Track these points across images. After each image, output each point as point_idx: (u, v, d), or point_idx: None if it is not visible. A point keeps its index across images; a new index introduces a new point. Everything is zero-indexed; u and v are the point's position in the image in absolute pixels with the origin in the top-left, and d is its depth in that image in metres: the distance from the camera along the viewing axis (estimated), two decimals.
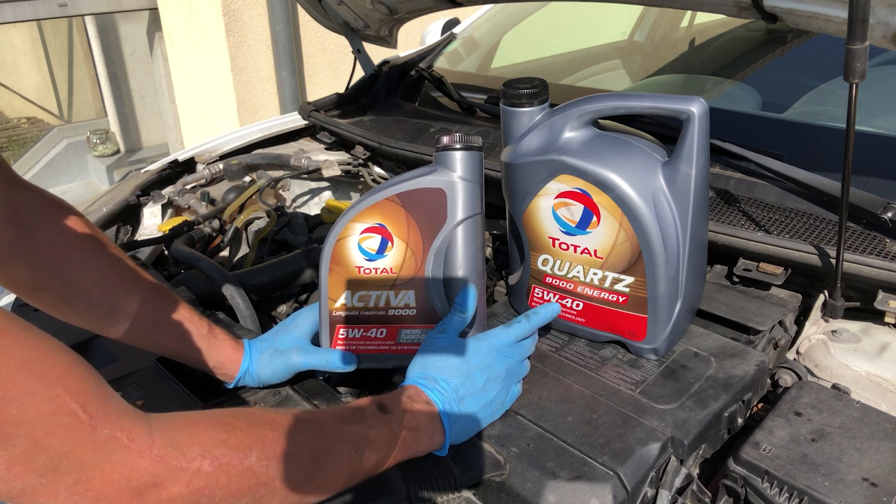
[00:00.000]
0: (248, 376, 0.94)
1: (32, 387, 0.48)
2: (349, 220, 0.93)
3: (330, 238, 0.94)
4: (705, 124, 0.84)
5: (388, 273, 0.92)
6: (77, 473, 0.50)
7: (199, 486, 0.56)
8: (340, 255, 0.93)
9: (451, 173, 0.89)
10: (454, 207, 0.89)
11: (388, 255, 0.92)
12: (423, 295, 0.91)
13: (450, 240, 0.90)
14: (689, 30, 2.22)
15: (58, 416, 0.49)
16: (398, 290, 0.92)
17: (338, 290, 0.94)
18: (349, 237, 0.93)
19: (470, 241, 0.90)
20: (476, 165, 0.91)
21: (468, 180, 0.90)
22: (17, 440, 0.47)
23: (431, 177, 0.90)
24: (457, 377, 0.80)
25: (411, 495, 0.74)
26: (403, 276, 0.92)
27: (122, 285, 0.88)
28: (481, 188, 0.91)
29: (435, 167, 0.90)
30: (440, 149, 0.90)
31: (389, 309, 0.93)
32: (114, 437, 0.52)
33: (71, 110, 6.60)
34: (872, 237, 0.99)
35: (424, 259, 0.90)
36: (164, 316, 0.90)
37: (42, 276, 0.84)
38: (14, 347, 0.49)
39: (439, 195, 0.89)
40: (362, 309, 0.94)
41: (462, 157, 0.89)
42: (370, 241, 0.92)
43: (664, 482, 0.78)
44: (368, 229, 0.92)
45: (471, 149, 0.90)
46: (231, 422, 0.61)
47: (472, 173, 0.90)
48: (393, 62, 1.90)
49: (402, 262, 0.92)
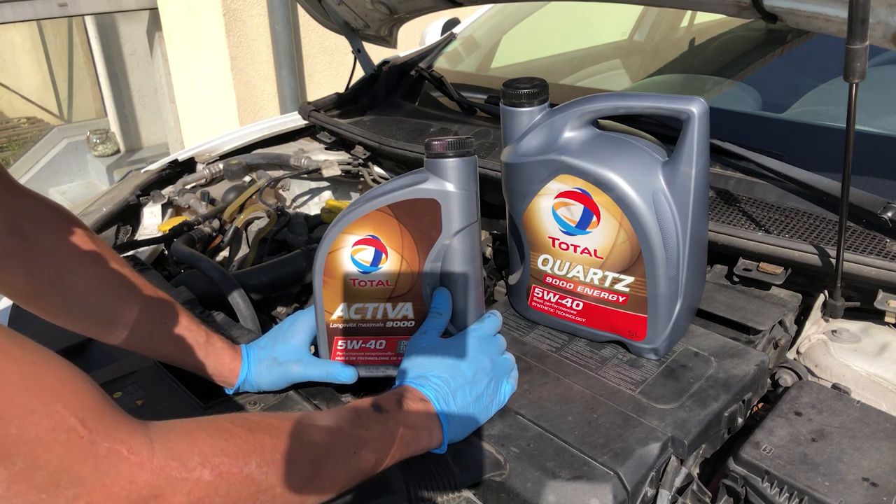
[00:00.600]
0: (247, 384, 0.94)
1: (30, 404, 0.48)
2: (340, 231, 0.90)
3: (321, 250, 0.91)
4: (705, 124, 0.84)
5: (384, 285, 0.90)
6: (77, 488, 0.50)
7: (200, 495, 0.56)
8: (333, 267, 0.91)
9: (444, 182, 0.85)
10: (449, 219, 0.86)
11: (382, 267, 0.90)
12: (421, 307, 0.90)
13: (446, 251, 0.88)
14: (689, 30, 2.22)
15: (56, 432, 0.49)
16: (395, 302, 0.91)
17: (333, 302, 0.92)
18: (341, 249, 0.90)
19: (467, 251, 0.88)
20: (470, 172, 0.86)
21: (463, 189, 0.86)
22: (16, 458, 0.47)
23: (424, 186, 0.86)
24: (445, 371, 0.81)
25: (411, 495, 0.74)
26: (400, 289, 0.90)
27: (120, 294, 0.88)
28: (476, 194, 0.88)
29: (427, 174, 0.87)
30: (431, 155, 0.86)
31: (387, 321, 0.92)
32: (113, 451, 0.51)
33: (71, 110, 6.60)
34: (872, 237, 0.99)
35: (421, 270, 0.89)
36: (162, 325, 0.90)
37: (39, 284, 0.84)
38: (10, 365, 0.48)
39: (433, 206, 0.86)
40: (359, 321, 0.93)
41: (455, 166, 0.85)
42: (363, 253, 0.90)
43: (664, 482, 0.78)
44: (361, 241, 0.90)
45: (464, 155, 0.86)
46: (230, 429, 0.61)
47: (466, 181, 0.86)
48: (393, 62, 1.90)
49: (397, 275, 0.90)
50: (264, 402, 0.93)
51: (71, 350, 1.07)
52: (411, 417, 0.75)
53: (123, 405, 0.94)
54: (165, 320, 0.91)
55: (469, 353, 0.83)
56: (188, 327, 0.92)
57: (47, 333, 1.10)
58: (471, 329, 0.87)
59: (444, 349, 0.84)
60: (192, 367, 0.92)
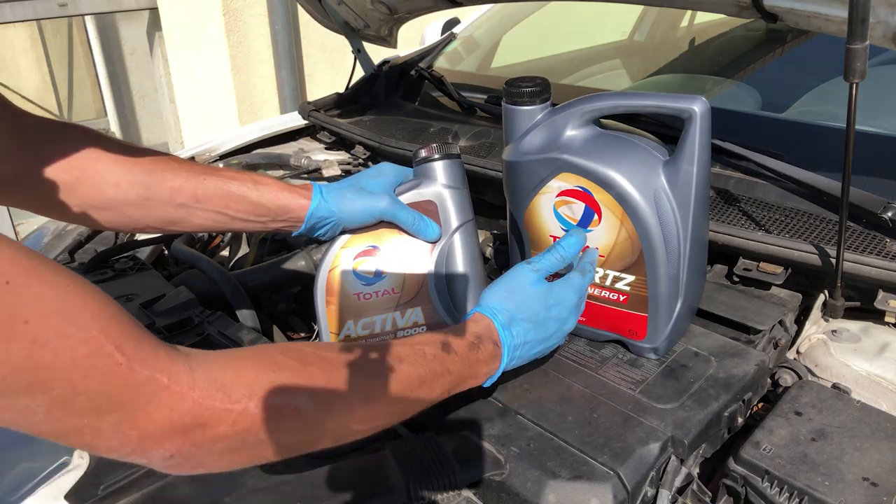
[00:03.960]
0: (322, 216, 0.87)
1: (65, 329, 0.47)
2: (339, 248, 0.89)
3: (321, 271, 0.90)
4: (707, 123, 0.84)
5: (390, 294, 0.89)
6: (119, 413, 0.49)
7: (245, 426, 0.55)
8: (334, 285, 0.89)
9: (436, 184, 0.88)
10: (447, 217, 0.88)
11: (387, 276, 0.89)
12: (430, 310, 0.89)
13: (448, 249, 0.88)
14: (689, 30, 2.22)
15: (94, 358, 0.48)
16: (403, 309, 0.89)
17: (338, 323, 0.90)
18: (341, 265, 0.89)
19: (469, 247, 0.89)
20: (459, 172, 0.90)
21: (455, 188, 0.89)
22: (54, 384, 0.46)
23: (418, 191, 0.88)
24: (531, 324, 0.79)
25: (411, 494, 0.74)
26: (407, 294, 0.89)
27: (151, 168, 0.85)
28: (468, 193, 0.91)
29: (419, 180, 0.89)
30: (420, 161, 0.89)
31: (398, 331, 0.90)
32: (153, 379, 0.51)
33: (71, 110, 6.59)
34: (872, 237, 0.99)
35: (426, 274, 0.88)
36: (206, 177, 0.85)
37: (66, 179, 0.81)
38: (44, 288, 0.47)
39: (430, 207, 0.88)
40: (369, 336, 0.90)
41: (445, 167, 0.89)
42: (365, 264, 0.89)
43: (664, 482, 0.78)
44: (362, 253, 0.89)
45: (451, 157, 0.89)
46: (280, 360, 0.60)
47: (457, 180, 0.89)
48: (393, 62, 1.90)
49: (402, 281, 0.89)
50: None
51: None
52: (478, 368, 0.74)
53: None
54: (205, 175, 0.86)
55: (562, 314, 0.81)
56: (232, 175, 0.87)
57: None
58: (571, 279, 0.84)
59: (546, 300, 0.80)
60: (246, 216, 0.87)
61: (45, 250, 1.41)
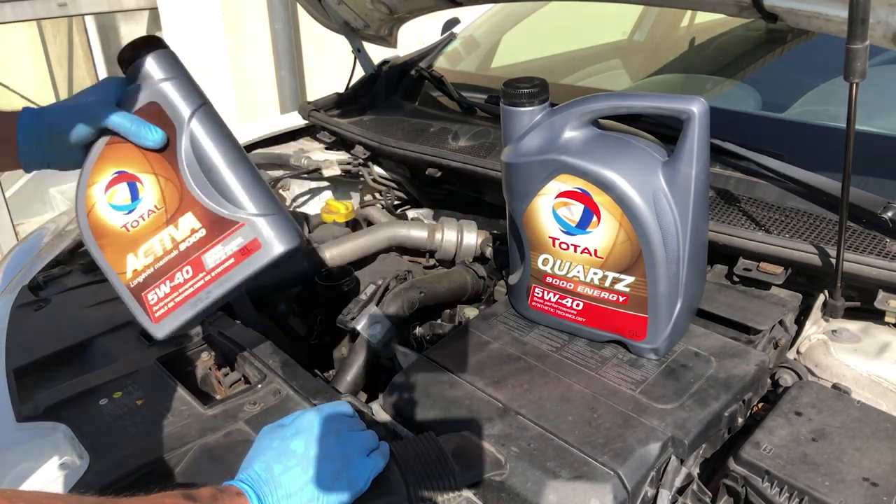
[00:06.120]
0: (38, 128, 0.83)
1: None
2: (85, 188, 0.85)
3: (80, 219, 0.86)
4: (706, 124, 0.84)
5: (155, 211, 0.85)
6: None
7: None
8: (98, 225, 0.86)
9: (152, 81, 0.84)
10: (175, 111, 0.83)
11: (143, 195, 0.85)
12: (202, 211, 0.84)
13: (191, 142, 0.84)
14: (689, 30, 2.22)
15: None
16: (175, 220, 0.85)
17: (120, 261, 0.86)
18: (96, 203, 0.85)
19: (213, 131, 0.85)
20: (171, 61, 0.85)
21: (172, 77, 0.84)
22: None
23: (137, 96, 0.84)
24: (271, 456, 0.72)
25: (411, 495, 0.74)
26: (171, 206, 0.84)
27: None
28: (190, 79, 0.86)
29: (134, 84, 0.85)
30: (125, 63, 0.85)
31: (179, 244, 0.85)
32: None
33: None
34: (872, 237, 0.99)
35: (181, 176, 0.84)
36: None
37: None
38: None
39: (153, 108, 0.84)
40: (154, 262, 0.85)
41: (153, 61, 0.84)
42: (118, 193, 0.85)
43: (664, 482, 0.78)
44: (110, 184, 0.85)
45: (155, 47, 0.85)
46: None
47: (171, 70, 0.85)
48: (393, 62, 1.90)
49: (162, 193, 0.84)
50: (264, 403, 0.93)
51: (71, 350, 1.07)
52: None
53: (123, 405, 0.95)
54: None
55: (303, 430, 0.74)
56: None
57: (48, 334, 1.10)
58: (314, 408, 0.78)
59: (277, 432, 0.75)
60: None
61: (45, 250, 1.41)
